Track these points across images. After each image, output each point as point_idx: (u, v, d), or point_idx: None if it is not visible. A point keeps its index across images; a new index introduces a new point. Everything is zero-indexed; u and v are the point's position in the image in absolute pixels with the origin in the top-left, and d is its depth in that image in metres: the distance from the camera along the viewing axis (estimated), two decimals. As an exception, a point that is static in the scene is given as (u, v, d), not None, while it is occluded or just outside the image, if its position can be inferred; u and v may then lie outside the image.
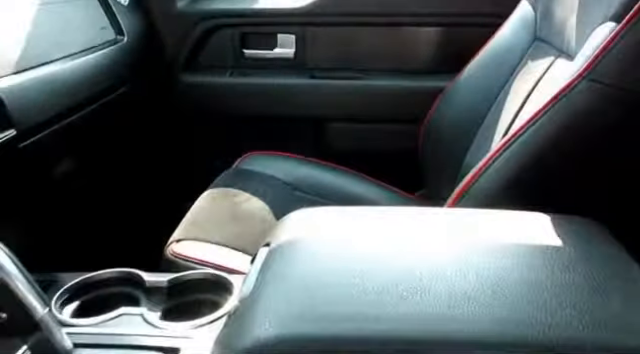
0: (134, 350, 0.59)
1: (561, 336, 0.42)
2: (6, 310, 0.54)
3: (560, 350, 0.41)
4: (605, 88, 0.65)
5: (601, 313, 0.44)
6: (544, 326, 0.43)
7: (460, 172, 1.01)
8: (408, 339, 0.43)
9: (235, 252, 0.91)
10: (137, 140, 1.29)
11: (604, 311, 0.44)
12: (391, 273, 0.50)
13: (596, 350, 0.41)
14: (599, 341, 0.41)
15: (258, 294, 0.50)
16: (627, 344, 0.41)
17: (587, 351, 0.41)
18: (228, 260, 0.87)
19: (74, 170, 1.00)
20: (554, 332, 0.42)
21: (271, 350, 0.44)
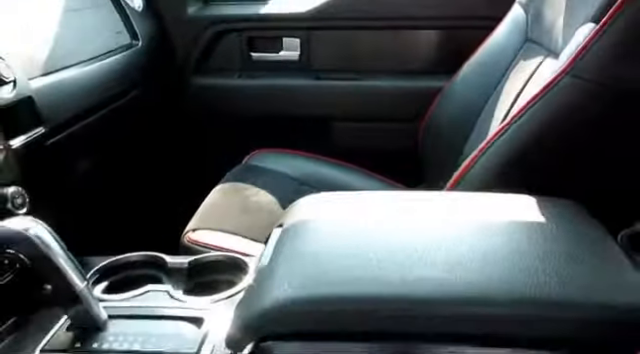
0: (162, 320, 0.65)
1: (542, 294, 0.48)
2: (50, 283, 0.60)
3: (540, 305, 0.48)
4: (586, 83, 0.71)
5: (576, 276, 0.50)
6: (527, 286, 0.49)
7: (457, 164, 1.07)
8: (408, 298, 0.49)
9: (247, 240, 0.97)
10: (152, 139, 1.35)
11: (579, 274, 0.51)
12: (392, 246, 0.56)
13: (570, 305, 0.47)
14: (573, 298, 0.48)
15: (274, 264, 0.56)
16: (595, 300, 0.48)
17: (562, 306, 0.47)
18: (241, 246, 0.93)
19: (95, 166, 1.07)
20: (536, 291, 0.48)
21: (289, 309, 0.50)
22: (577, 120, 0.73)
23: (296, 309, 0.50)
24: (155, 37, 1.34)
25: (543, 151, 0.74)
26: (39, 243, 0.58)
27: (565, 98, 0.72)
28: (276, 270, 0.55)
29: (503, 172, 0.75)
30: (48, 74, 0.91)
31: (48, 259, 0.59)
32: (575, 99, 0.72)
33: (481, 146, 0.79)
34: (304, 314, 0.50)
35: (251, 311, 0.52)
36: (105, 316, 0.64)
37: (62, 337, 0.63)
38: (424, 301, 0.49)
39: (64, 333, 0.63)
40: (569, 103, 0.72)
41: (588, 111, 0.71)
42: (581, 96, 0.72)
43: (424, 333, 0.49)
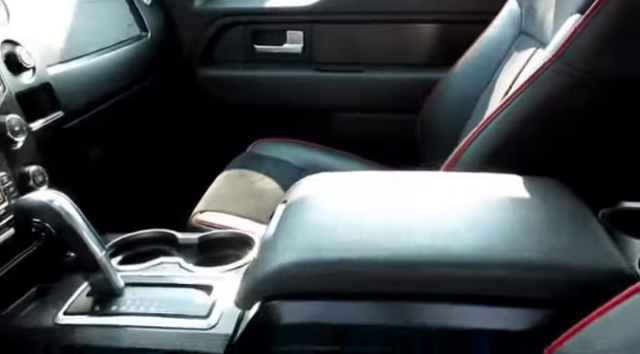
0: (174, 288, 0.70)
1: (523, 257, 0.53)
2: (73, 251, 0.65)
3: (521, 266, 0.53)
4: (571, 71, 0.76)
5: (555, 243, 0.55)
6: (510, 250, 0.54)
7: (453, 150, 1.12)
8: (401, 261, 0.54)
9: (252, 221, 1.02)
10: (160, 127, 1.40)
11: (558, 242, 0.56)
12: (387, 217, 0.61)
13: (546, 266, 0.52)
14: (549, 260, 0.53)
15: (279, 234, 0.61)
16: (568, 262, 0.53)
17: (541, 268, 0.52)
18: (246, 227, 0.98)
19: (107, 150, 1.12)
20: (517, 254, 0.53)
21: (292, 271, 0.55)
22: (563, 106, 0.78)
23: (298, 272, 0.55)
24: (163, 30, 1.39)
25: (531, 135, 0.79)
26: (63, 214, 0.63)
27: (551, 85, 0.77)
28: (280, 239, 0.60)
29: (494, 154, 0.80)
30: (65, 62, 0.96)
31: (71, 229, 0.64)
32: (560, 86, 0.77)
33: (474, 130, 0.83)
34: (305, 276, 0.55)
35: (258, 274, 0.57)
36: (122, 284, 0.69)
37: (83, 302, 0.68)
38: (416, 264, 0.54)
39: (85, 298, 0.68)
40: (555, 90, 0.77)
41: (573, 98, 0.76)
42: (566, 84, 0.77)
43: (416, 293, 0.54)
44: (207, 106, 1.51)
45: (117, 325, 0.64)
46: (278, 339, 0.55)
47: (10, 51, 0.81)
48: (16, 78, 0.81)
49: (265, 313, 0.56)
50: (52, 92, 0.90)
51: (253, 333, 0.58)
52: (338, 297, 0.55)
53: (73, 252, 0.65)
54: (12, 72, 0.80)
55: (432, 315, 0.53)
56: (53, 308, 0.68)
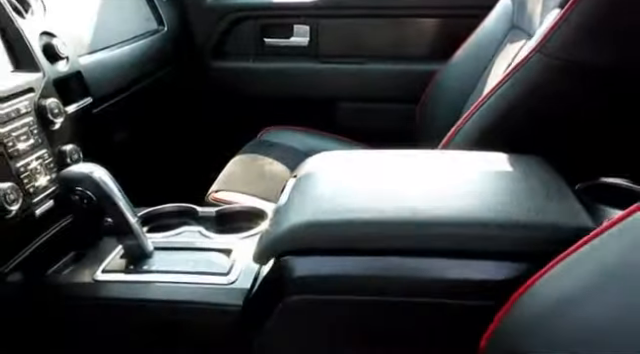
0: (197, 251, 0.79)
1: (500, 217, 0.62)
2: (110, 217, 0.74)
3: (498, 225, 0.61)
4: (552, 61, 0.84)
5: (529, 204, 0.64)
6: (491, 211, 0.63)
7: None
8: (396, 221, 0.63)
9: (262, 200, 1.11)
10: (177, 114, 1.49)
11: (531, 203, 0.64)
12: (385, 187, 0.70)
13: (520, 224, 0.61)
14: (524, 219, 0.61)
15: (291, 201, 0.70)
16: (540, 220, 0.61)
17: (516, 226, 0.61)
18: (259, 205, 1.07)
19: (130, 134, 1.21)
20: (497, 215, 0.62)
21: (302, 231, 0.64)
22: (546, 91, 0.86)
23: (308, 231, 0.64)
24: (178, 24, 1.48)
25: (518, 117, 0.87)
26: (102, 183, 0.73)
27: (535, 73, 0.85)
28: (292, 205, 0.69)
29: (484, 134, 0.88)
30: (93, 52, 1.05)
31: (109, 196, 0.73)
32: (543, 74, 0.85)
33: (467, 113, 0.92)
34: (315, 235, 0.64)
35: (273, 234, 0.66)
36: (151, 247, 0.78)
37: (117, 263, 0.77)
38: (410, 223, 0.63)
39: (119, 260, 0.78)
40: (538, 77, 0.85)
41: (554, 83, 0.84)
42: (548, 71, 0.85)
43: (409, 249, 0.62)
44: (219, 96, 1.60)
45: (148, 281, 0.73)
46: (290, 290, 0.64)
47: (47, 42, 0.90)
48: (53, 66, 0.90)
49: (279, 268, 0.65)
50: (82, 80, 0.98)
51: (268, 285, 0.67)
52: (342, 253, 0.63)
53: (110, 218, 0.74)
54: (49, 61, 0.89)
55: (423, 268, 0.62)
56: (91, 268, 0.77)
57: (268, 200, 1.11)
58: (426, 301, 0.62)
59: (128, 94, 1.17)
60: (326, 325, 0.65)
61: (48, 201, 0.81)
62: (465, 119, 0.92)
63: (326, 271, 0.64)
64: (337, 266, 0.64)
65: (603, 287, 0.47)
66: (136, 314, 0.72)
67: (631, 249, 0.47)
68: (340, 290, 0.63)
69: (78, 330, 0.74)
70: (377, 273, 0.63)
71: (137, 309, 0.71)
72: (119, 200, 0.74)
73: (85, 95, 0.99)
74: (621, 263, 0.47)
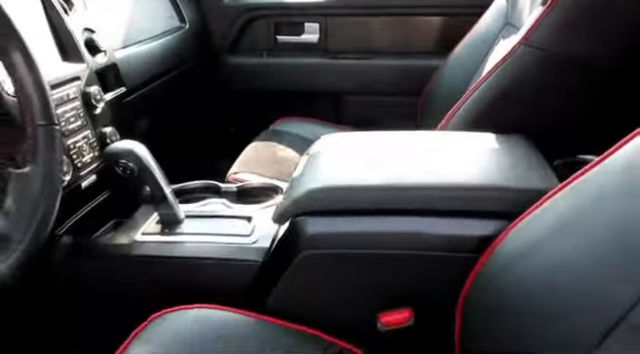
0: (222, 219, 0.91)
1: (483, 181, 0.73)
2: (149, 186, 0.86)
3: (482, 188, 0.72)
4: (535, 51, 0.95)
5: (510, 173, 0.75)
6: (474, 177, 0.74)
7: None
8: (396, 186, 0.74)
9: (279, 181, 1.22)
10: (197, 105, 1.61)
11: (512, 172, 0.75)
12: (388, 159, 0.81)
13: (500, 188, 0.72)
14: (501, 182, 0.72)
15: (305, 172, 0.81)
16: (514, 184, 0.72)
17: (497, 189, 0.72)
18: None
19: (156, 122, 1.32)
20: (479, 180, 0.73)
21: (315, 194, 0.75)
22: (530, 79, 0.96)
23: (320, 195, 0.75)
24: (198, 22, 1.60)
25: (506, 102, 0.97)
26: (142, 157, 0.84)
27: (520, 63, 0.95)
28: (306, 174, 0.80)
29: (476, 118, 0.98)
30: (126, 47, 1.17)
31: (148, 168, 0.84)
32: (527, 64, 0.95)
33: (461, 100, 1.03)
34: (325, 198, 0.75)
35: (290, 198, 0.77)
36: (183, 215, 0.90)
37: (154, 227, 0.89)
38: (404, 187, 0.74)
39: (155, 225, 0.89)
40: (523, 67, 0.96)
41: (537, 72, 0.95)
42: (531, 61, 0.95)
43: (405, 209, 0.73)
44: (235, 89, 1.71)
45: (180, 241, 0.85)
46: (304, 245, 0.75)
47: (88, 37, 1.02)
48: (94, 59, 1.01)
49: (295, 227, 0.76)
50: (117, 71, 1.10)
51: (285, 243, 0.79)
52: (349, 213, 0.74)
53: (148, 186, 0.85)
54: (90, 54, 1.01)
55: (417, 225, 0.73)
56: (131, 232, 0.88)
57: (281, 180, 1.23)
58: (420, 254, 0.72)
59: (155, 85, 1.29)
60: (334, 276, 0.76)
61: (92, 176, 0.92)
62: (459, 105, 1.03)
63: (335, 229, 0.75)
64: (344, 225, 0.75)
65: (559, 233, 0.58)
66: (170, 269, 0.83)
67: (583, 201, 0.58)
68: (346, 245, 0.74)
69: (119, 284, 0.85)
70: (378, 230, 0.74)
71: (171, 265, 0.83)
72: (156, 172, 0.86)
73: (120, 85, 1.10)
74: (574, 212, 0.58)
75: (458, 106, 1.03)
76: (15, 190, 0.53)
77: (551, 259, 0.58)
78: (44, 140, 0.55)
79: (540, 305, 0.57)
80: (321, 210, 0.75)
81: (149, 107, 1.27)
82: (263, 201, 0.98)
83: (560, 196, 0.61)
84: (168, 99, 1.40)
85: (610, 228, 0.53)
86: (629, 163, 0.55)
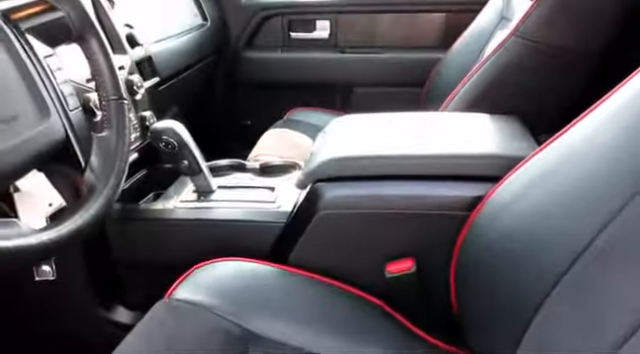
0: (248, 189, 1.04)
1: (475, 150, 0.86)
2: (187, 160, 0.99)
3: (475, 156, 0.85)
4: (524, 42, 1.07)
5: (499, 144, 0.88)
6: (464, 147, 0.87)
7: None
8: (400, 156, 0.87)
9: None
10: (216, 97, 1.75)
11: (502, 143, 0.88)
12: (391, 134, 0.94)
13: (491, 156, 0.84)
14: (494, 151, 0.85)
15: (321, 146, 0.94)
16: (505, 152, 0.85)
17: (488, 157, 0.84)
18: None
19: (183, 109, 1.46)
20: (469, 149, 0.86)
21: (331, 163, 0.88)
22: (520, 67, 1.09)
23: (335, 164, 0.88)
24: (218, 20, 1.73)
25: (498, 88, 1.10)
26: (182, 134, 0.97)
27: (511, 52, 1.08)
28: (323, 148, 0.93)
29: (472, 101, 1.11)
30: (158, 42, 1.31)
31: (186, 144, 0.98)
32: (517, 53, 1.08)
33: (459, 86, 1.16)
34: (339, 167, 0.88)
35: (309, 167, 0.90)
36: (215, 185, 1.03)
37: (191, 195, 1.02)
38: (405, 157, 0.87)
39: (192, 193, 1.03)
40: (514, 55, 1.08)
41: (527, 60, 1.07)
42: (522, 51, 1.08)
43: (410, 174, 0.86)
44: (252, 81, 1.85)
45: (214, 207, 0.98)
46: (321, 207, 0.88)
47: (129, 32, 1.16)
48: (133, 51, 1.15)
49: (313, 191, 0.89)
50: (152, 63, 1.24)
51: (305, 205, 0.92)
52: (359, 179, 0.87)
53: (186, 160, 0.98)
54: (130, 46, 1.15)
55: (418, 188, 0.86)
56: (170, 200, 1.02)
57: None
58: (420, 213, 0.85)
59: (182, 77, 1.43)
60: (347, 234, 0.89)
61: (134, 153, 1.06)
62: (458, 90, 1.16)
63: (347, 193, 0.88)
64: (355, 189, 0.88)
65: (535, 187, 0.71)
66: (205, 230, 0.96)
67: (555, 159, 0.70)
68: (358, 206, 0.87)
69: (161, 244, 0.99)
70: (384, 193, 0.87)
71: (206, 227, 0.96)
72: (193, 147, 0.99)
73: (154, 75, 1.24)
74: (548, 169, 0.70)
75: (457, 91, 1.16)
76: (97, 150, 0.67)
77: (528, 208, 0.70)
78: (115, 110, 0.68)
79: (520, 246, 0.70)
80: (336, 177, 0.88)
81: (178, 96, 1.41)
82: (284, 175, 1.11)
83: (537, 157, 0.73)
84: (193, 89, 1.54)
85: (576, 179, 0.66)
86: (594, 127, 0.68)
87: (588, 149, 0.66)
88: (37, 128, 0.61)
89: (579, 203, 0.64)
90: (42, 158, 0.62)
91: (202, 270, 0.86)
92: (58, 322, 0.99)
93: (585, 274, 0.60)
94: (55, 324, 0.99)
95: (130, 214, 0.99)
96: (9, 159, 0.56)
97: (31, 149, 0.59)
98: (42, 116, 0.62)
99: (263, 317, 0.80)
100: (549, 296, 0.63)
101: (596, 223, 0.59)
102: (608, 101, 0.67)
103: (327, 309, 0.85)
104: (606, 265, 0.58)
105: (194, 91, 1.57)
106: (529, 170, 0.74)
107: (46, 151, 0.62)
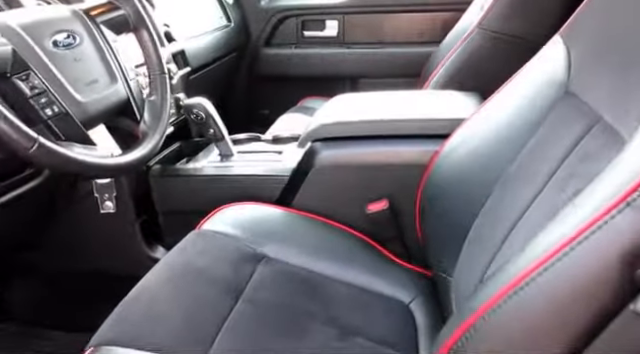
0: (261, 153, 1.29)
1: (434, 115, 1.10)
2: (213, 129, 1.25)
3: (432, 119, 1.09)
4: (487, 32, 1.31)
5: (451, 110, 1.11)
6: (427, 113, 1.10)
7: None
8: (378, 120, 1.12)
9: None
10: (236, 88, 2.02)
11: (453, 110, 1.12)
12: (376, 105, 1.19)
13: (444, 119, 1.08)
14: (447, 115, 1.09)
15: (319, 115, 1.19)
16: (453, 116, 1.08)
17: (448, 120, 1.08)
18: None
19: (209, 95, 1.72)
20: (430, 114, 1.10)
21: (328, 126, 1.13)
22: (485, 55, 1.33)
23: (327, 127, 1.13)
24: (240, 21, 2.00)
25: (464, 71, 1.34)
26: (209, 107, 1.24)
27: (475, 42, 1.32)
28: (320, 116, 1.18)
29: (445, 83, 1.35)
30: (190, 39, 1.58)
31: (212, 116, 1.24)
32: (481, 42, 1.32)
33: (435, 71, 1.40)
34: (332, 129, 1.13)
35: (308, 130, 1.16)
36: (235, 150, 1.29)
37: (216, 158, 1.28)
38: (384, 121, 1.11)
39: (217, 156, 1.29)
40: (477, 45, 1.32)
41: (487, 48, 1.31)
42: (485, 41, 1.32)
43: (385, 135, 1.11)
44: (270, 75, 2.12)
45: (234, 166, 1.24)
46: (318, 161, 1.12)
47: (166, 29, 1.43)
48: (169, 45, 1.42)
49: (311, 149, 1.14)
50: (184, 55, 1.51)
51: (305, 160, 1.16)
52: (349, 139, 1.12)
53: (212, 129, 1.25)
54: (167, 41, 1.42)
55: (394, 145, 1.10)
56: (200, 161, 1.28)
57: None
58: (394, 163, 1.09)
59: (208, 69, 1.70)
60: (338, 182, 1.13)
61: (171, 127, 1.33)
62: (435, 73, 1.40)
63: (337, 150, 1.12)
64: (345, 146, 1.12)
65: (474, 135, 0.94)
66: (227, 183, 1.22)
67: (488, 112, 0.94)
68: (346, 161, 1.12)
69: (194, 195, 1.24)
70: (367, 150, 1.11)
71: (228, 180, 1.22)
72: (217, 119, 1.25)
73: (186, 65, 1.51)
74: (482, 120, 0.94)
75: (434, 74, 1.40)
76: (148, 110, 0.93)
77: (466, 154, 0.94)
78: (160, 82, 0.94)
79: (459, 182, 0.93)
80: (328, 137, 1.13)
81: (205, 86, 1.67)
82: (290, 144, 1.36)
83: (473, 117, 0.97)
84: (218, 81, 1.81)
85: (496, 130, 0.89)
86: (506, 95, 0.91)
87: (503, 110, 0.90)
88: (109, 90, 0.87)
89: (498, 145, 0.87)
90: (111, 112, 0.89)
91: (224, 210, 1.12)
92: (110, 255, 1.25)
93: (495, 196, 0.84)
94: (106, 257, 1.26)
95: (168, 172, 1.26)
96: (92, 109, 0.83)
97: (105, 104, 0.86)
98: (111, 82, 0.89)
99: (271, 244, 1.04)
100: (477, 216, 0.87)
101: (508, 158, 0.83)
102: (517, 77, 0.91)
103: (321, 240, 1.10)
104: (507, 187, 0.82)
105: (219, 83, 1.84)
106: (468, 127, 0.98)
107: (114, 107, 0.89)
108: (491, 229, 0.81)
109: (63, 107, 0.75)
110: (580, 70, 0.77)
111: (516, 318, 0.51)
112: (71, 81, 0.78)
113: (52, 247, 1.24)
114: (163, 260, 0.95)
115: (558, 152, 0.73)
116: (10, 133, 0.63)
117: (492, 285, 0.55)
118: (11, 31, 0.73)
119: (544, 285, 0.49)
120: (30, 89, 0.71)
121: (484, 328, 0.52)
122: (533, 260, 0.50)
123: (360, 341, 0.86)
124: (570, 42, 0.82)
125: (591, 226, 0.46)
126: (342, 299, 0.95)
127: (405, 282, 1.02)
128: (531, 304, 0.50)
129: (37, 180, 0.98)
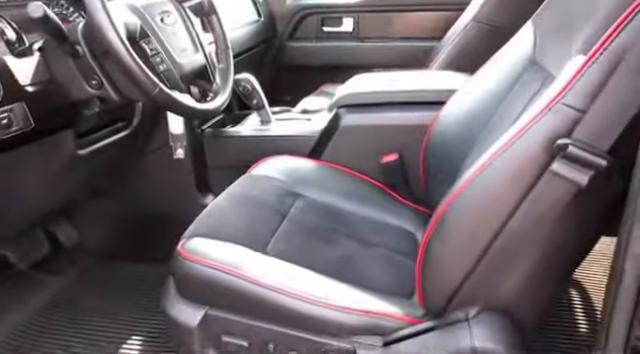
0: (293, 120, 1.58)
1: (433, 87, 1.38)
2: (255, 99, 1.54)
3: (434, 90, 1.38)
4: (481, 25, 1.60)
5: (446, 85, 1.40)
6: (428, 85, 1.39)
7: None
8: (390, 91, 1.40)
9: (324, 115, 1.90)
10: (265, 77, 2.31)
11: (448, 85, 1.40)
12: (385, 81, 1.48)
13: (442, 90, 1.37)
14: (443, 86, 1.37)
15: (343, 88, 1.48)
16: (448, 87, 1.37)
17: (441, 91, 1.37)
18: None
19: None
20: (431, 86, 1.39)
21: (351, 95, 1.42)
22: (479, 45, 1.61)
23: (351, 95, 1.42)
24: (268, 16, 2.30)
25: (461, 57, 1.62)
26: (253, 81, 1.53)
27: (470, 34, 1.61)
28: (344, 88, 1.47)
29: (445, 65, 1.64)
30: (232, 30, 1.87)
31: (255, 88, 1.53)
32: (476, 34, 1.61)
33: (437, 57, 1.69)
34: (353, 97, 1.42)
35: (335, 98, 1.45)
36: (273, 118, 1.58)
37: (257, 123, 1.57)
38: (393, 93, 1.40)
39: (258, 122, 1.57)
40: (472, 36, 1.61)
41: (480, 39, 1.60)
42: (480, 33, 1.60)
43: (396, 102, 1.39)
44: (293, 65, 2.42)
45: (272, 128, 1.53)
46: (342, 122, 1.41)
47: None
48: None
49: (337, 114, 1.43)
50: (228, 44, 1.80)
51: (332, 123, 1.45)
52: (367, 105, 1.41)
53: (255, 99, 1.53)
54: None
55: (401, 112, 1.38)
56: (244, 125, 1.57)
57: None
58: (403, 124, 1.38)
59: (241, 58, 1.99)
60: (359, 141, 1.42)
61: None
62: (436, 59, 1.69)
63: (359, 114, 1.41)
64: (364, 112, 1.41)
65: (461, 104, 1.23)
66: (266, 143, 1.50)
67: (476, 80, 1.22)
68: (366, 123, 1.41)
69: (240, 152, 1.53)
70: (382, 114, 1.40)
71: (267, 140, 1.50)
72: (260, 90, 1.54)
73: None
74: (472, 87, 1.23)
75: (436, 60, 1.69)
76: (219, 74, 1.23)
77: (463, 111, 1.22)
78: (225, 54, 1.24)
79: (452, 137, 1.21)
80: (351, 104, 1.42)
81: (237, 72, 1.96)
82: (316, 114, 1.65)
83: (464, 88, 1.25)
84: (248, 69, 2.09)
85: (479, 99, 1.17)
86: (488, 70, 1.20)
87: (486, 79, 1.19)
88: (194, 56, 1.17)
89: (483, 104, 1.16)
90: (195, 73, 1.19)
91: (268, 161, 1.40)
92: (170, 200, 1.54)
93: (480, 144, 1.12)
94: (168, 202, 1.55)
95: (219, 134, 1.55)
96: (185, 69, 1.12)
97: (192, 66, 1.16)
98: (195, 51, 1.19)
99: (305, 186, 1.32)
100: (463, 161, 1.15)
101: (490, 113, 1.12)
102: (497, 55, 1.19)
103: (345, 185, 1.38)
104: (489, 134, 1.10)
105: (248, 70, 2.13)
106: (459, 95, 1.26)
107: (197, 70, 1.19)
108: (471, 164, 1.10)
109: (169, 65, 1.05)
110: (541, 44, 1.06)
111: (465, 205, 0.84)
112: (173, 47, 1.08)
113: (124, 194, 1.53)
114: (226, 191, 1.24)
115: (524, 101, 1.01)
116: (143, 79, 0.92)
117: (454, 186, 0.85)
118: (137, 10, 1.03)
119: (487, 176, 0.81)
120: (150, 51, 1.00)
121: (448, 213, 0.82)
122: (481, 164, 0.80)
123: (377, 250, 1.14)
124: (537, 24, 1.11)
125: (523, 129, 0.75)
126: (361, 225, 1.23)
127: (410, 217, 1.30)
128: (478, 190, 0.82)
129: (125, 131, 1.27)
